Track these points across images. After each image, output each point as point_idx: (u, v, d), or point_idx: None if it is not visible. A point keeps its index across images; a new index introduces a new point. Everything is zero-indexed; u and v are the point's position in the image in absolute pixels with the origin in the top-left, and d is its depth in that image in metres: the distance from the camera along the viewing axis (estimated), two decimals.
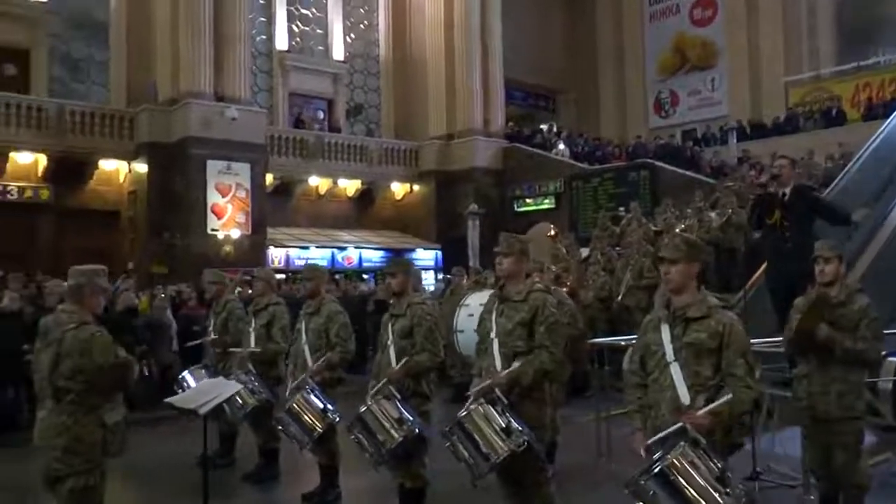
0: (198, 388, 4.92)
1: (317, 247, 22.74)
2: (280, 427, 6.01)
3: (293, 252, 22.21)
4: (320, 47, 25.97)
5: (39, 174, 19.42)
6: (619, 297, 11.20)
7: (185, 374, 7.38)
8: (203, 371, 7.36)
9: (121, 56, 21.60)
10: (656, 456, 3.41)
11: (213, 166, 19.74)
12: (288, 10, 25.03)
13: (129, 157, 20.18)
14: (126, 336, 10.49)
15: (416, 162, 25.33)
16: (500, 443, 4.21)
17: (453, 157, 24.88)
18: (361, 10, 26.76)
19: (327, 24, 25.97)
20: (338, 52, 26.15)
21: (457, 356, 9.22)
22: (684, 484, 3.23)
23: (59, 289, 9.19)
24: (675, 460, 3.28)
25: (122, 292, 11.60)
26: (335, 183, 24.22)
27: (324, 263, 22.53)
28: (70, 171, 19.57)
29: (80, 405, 4.23)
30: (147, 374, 10.39)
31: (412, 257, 23.68)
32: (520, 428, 4.22)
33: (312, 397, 5.90)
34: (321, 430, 5.77)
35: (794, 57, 27.21)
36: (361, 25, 26.77)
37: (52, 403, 4.27)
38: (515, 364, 4.41)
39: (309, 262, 22.19)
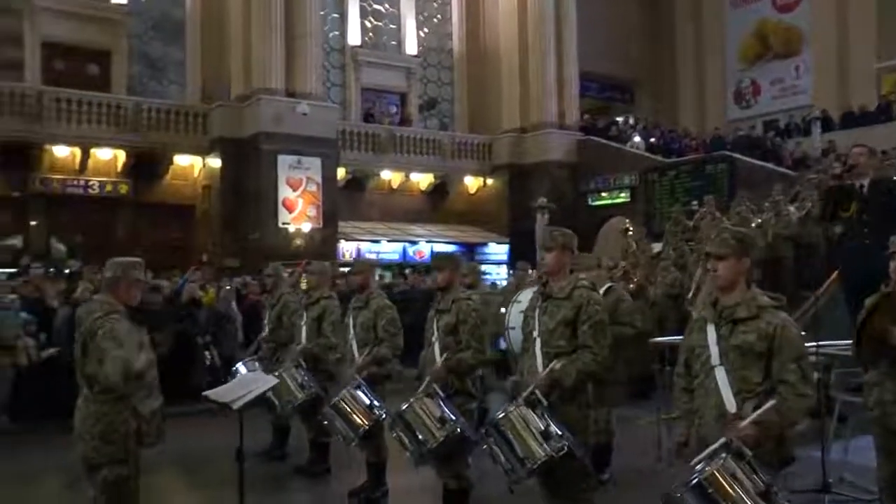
0: (235, 382, 4.85)
1: (388, 240, 22.78)
2: (326, 422, 5.91)
3: (364, 245, 22.30)
4: (393, 42, 25.98)
5: (119, 169, 20.03)
6: (690, 295, 10.75)
7: (239, 365, 7.40)
8: (257, 363, 7.36)
9: (196, 54, 22.10)
10: (697, 467, 3.15)
11: (284, 161, 20.00)
12: (360, 6, 25.12)
13: (204, 152, 20.64)
14: (189, 327, 10.71)
15: (490, 155, 25.15)
16: (538, 447, 3.99)
17: (527, 151, 24.57)
18: (434, 3, 26.65)
19: (400, 19, 25.97)
20: (410, 47, 26.10)
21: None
22: (723, 499, 2.96)
23: (94, 279, 9.41)
24: (714, 472, 3.02)
25: (189, 284, 11.76)
26: (407, 177, 24.25)
27: (395, 257, 22.65)
28: (147, 166, 20.14)
29: (111, 394, 4.20)
30: (210, 364, 10.48)
31: (484, 251, 23.55)
32: (559, 432, 4.00)
33: (359, 393, 5.77)
34: (367, 427, 5.63)
35: (887, 42, 25.77)
36: (434, 19, 26.67)
37: (87, 392, 4.27)
38: (557, 364, 4.19)
39: (380, 255, 22.36)
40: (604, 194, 23.68)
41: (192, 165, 21.12)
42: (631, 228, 13.67)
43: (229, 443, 8.16)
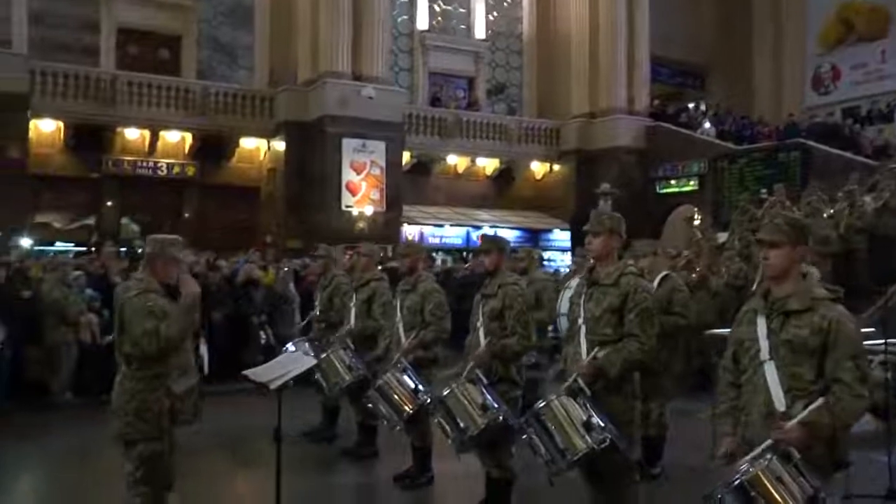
0: (275, 362, 4.80)
1: (451, 225, 22.72)
2: (370, 405, 5.84)
3: (427, 230, 22.28)
4: (462, 26, 25.79)
5: (186, 151, 20.40)
6: (755, 286, 10.35)
7: (290, 345, 7.38)
8: (307, 344, 7.34)
9: (264, 39, 22.28)
10: (741, 468, 2.95)
11: (348, 144, 20.07)
12: None
13: (269, 135, 20.86)
14: (245, 307, 10.81)
15: (557, 141, 24.81)
16: (579, 439, 3.84)
17: (595, 136, 24.17)
18: None
19: (469, 3, 25.74)
20: (479, 31, 25.87)
21: None
22: (766, 502, 2.77)
23: (118, 262, 9.54)
24: (759, 474, 2.82)
25: (246, 265, 11.89)
26: (473, 162, 24.11)
27: (458, 242, 22.59)
28: (214, 148, 20.46)
29: (146, 372, 4.20)
30: (265, 343, 10.56)
31: (548, 238, 23.28)
32: (602, 424, 3.84)
33: (404, 377, 5.69)
34: (411, 411, 5.55)
35: None
36: (504, 3, 26.33)
37: (125, 369, 4.28)
38: (600, 353, 4.02)
39: (443, 239, 22.32)
40: (672, 182, 23.13)
41: (258, 148, 21.38)
42: (697, 217, 13.26)
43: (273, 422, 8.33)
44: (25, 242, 14.63)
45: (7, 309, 8.93)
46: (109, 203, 19.79)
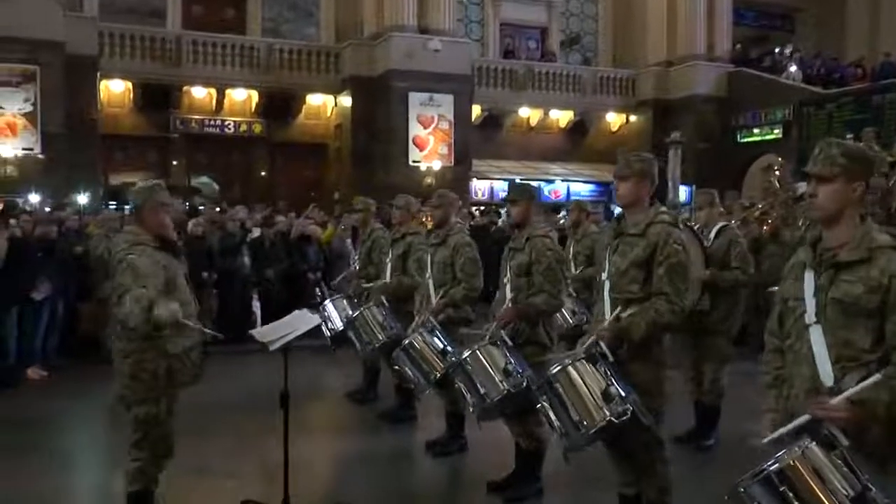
0: (281, 322, 4.49)
1: (522, 179, 22.05)
2: (396, 367, 5.49)
3: (498, 184, 21.73)
4: None
5: (253, 109, 20.33)
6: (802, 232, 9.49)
7: (327, 303, 7.10)
8: (344, 301, 7.04)
9: None
10: (774, 453, 2.44)
11: (415, 98, 19.70)
12: None
13: (336, 91, 20.63)
14: (299, 263, 10.62)
15: (633, 91, 23.84)
16: (596, 410, 3.37)
17: (673, 85, 23.08)
18: None
19: None
20: None
21: None
22: (797, 498, 2.25)
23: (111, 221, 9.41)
24: (792, 463, 2.29)
25: (301, 220, 11.69)
26: (546, 114, 23.38)
27: None
28: (280, 106, 20.35)
29: (139, 332, 3.92)
30: (320, 300, 10.36)
31: None
32: (622, 393, 3.36)
33: (433, 337, 5.30)
34: (439, 374, 5.15)
35: None
36: None
37: (119, 328, 4.02)
38: (624, 313, 3.54)
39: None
40: (754, 130, 21.86)
41: (325, 104, 21.19)
42: (778, 167, 12.35)
43: (314, 381, 8.17)
44: (82, 199, 14.79)
45: (61, 265, 8.94)
46: (177, 162, 19.95)
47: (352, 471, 5.65)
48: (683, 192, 16.56)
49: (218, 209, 13.05)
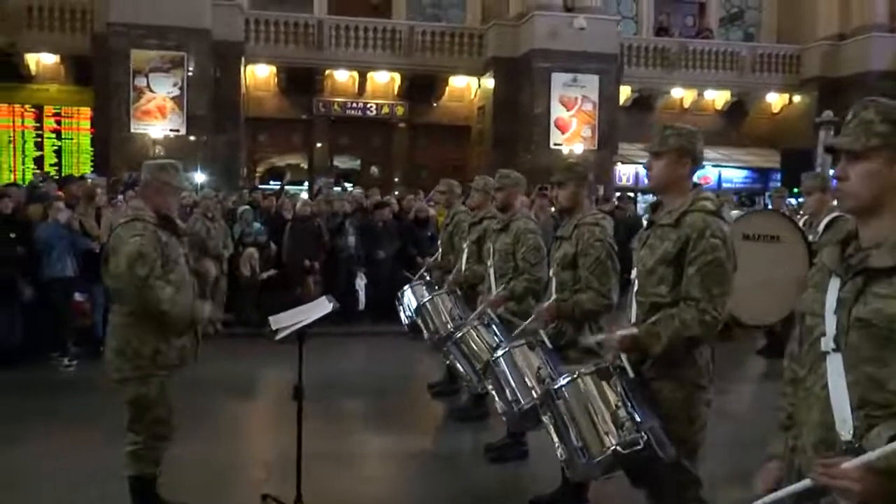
0: (298, 309, 4.17)
1: None
2: (447, 361, 5.05)
3: (644, 169, 20.65)
4: None
5: (395, 92, 20.35)
6: (821, 226, 8.03)
7: (406, 288, 6.76)
8: (424, 288, 6.67)
9: None
10: None
11: (558, 79, 19.07)
12: None
13: (479, 73, 20.29)
14: (409, 245, 10.39)
15: (798, 68, 21.98)
16: (604, 435, 2.80)
17: (843, 61, 21.00)
18: None
19: None
20: None
21: None
22: None
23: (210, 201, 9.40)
24: None
25: (418, 202, 11.46)
26: (701, 95, 22.09)
27: None
28: (423, 88, 20.28)
29: (128, 307, 3.78)
30: (429, 281, 10.12)
31: (777, 179, 20.72)
32: (637, 417, 2.76)
33: (488, 332, 4.83)
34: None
35: None
36: None
37: (115, 305, 3.87)
38: (648, 321, 2.93)
39: None
40: None
41: (468, 86, 20.94)
42: None
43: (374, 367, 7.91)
44: (199, 178, 15.31)
45: None
46: (320, 144, 20.31)
47: (390, 472, 5.31)
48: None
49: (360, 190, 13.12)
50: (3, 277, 7.59)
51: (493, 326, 4.83)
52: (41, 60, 18.40)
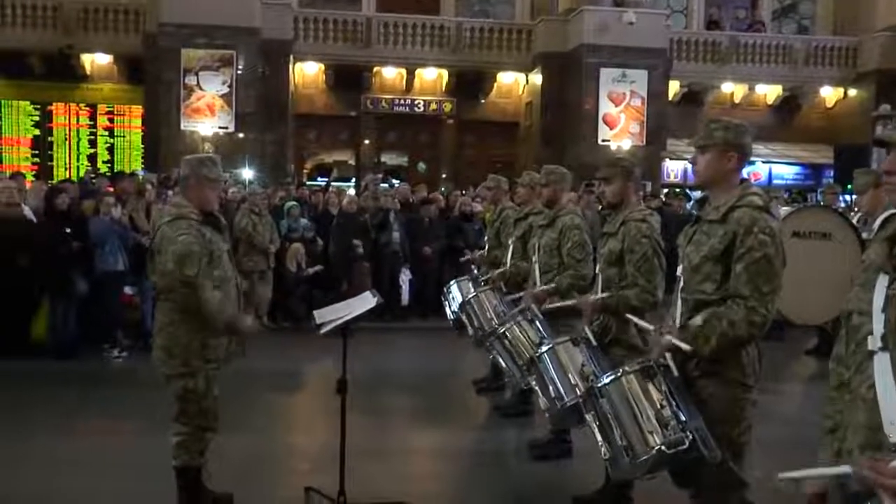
0: (343, 304, 4.19)
1: None
2: (490, 356, 5.03)
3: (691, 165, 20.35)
4: None
5: (443, 88, 20.40)
6: (876, 223, 7.68)
7: (452, 283, 6.74)
8: (470, 284, 6.65)
9: None
10: None
11: (606, 74, 18.93)
12: None
13: (527, 69, 20.24)
14: (456, 240, 10.41)
15: (854, 61, 21.36)
16: (648, 434, 2.75)
17: None
18: None
19: None
20: None
21: None
22: None
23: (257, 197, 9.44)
24: None
25: (462, 197, 11.47)
26: (752, 89, 21.68)
27: None
28: (471, 84, 20.28)
29: (175, 304, 3.82)
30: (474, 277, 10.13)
31: (830, 175, 20.25)
32: (682, 417, 2.72)
33: (532, 328, 4.80)
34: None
35: None
36: None
37: (161, 301, 3.93)
38: (696, 319, 2.87)
39: None
40: None
41: (517, 82, 20.91)
42: None
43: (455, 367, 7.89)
44: (247, 174, 15.50)
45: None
46: (367, 141, 20.43)
47: (433, 467, 5.32)
48: None
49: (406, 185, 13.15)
50: (60, 272, 7.79)
51: (537, 322, 4.80)
52: (95, 60, 18.86)
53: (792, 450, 3.70)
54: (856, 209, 5.25)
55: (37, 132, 19.38)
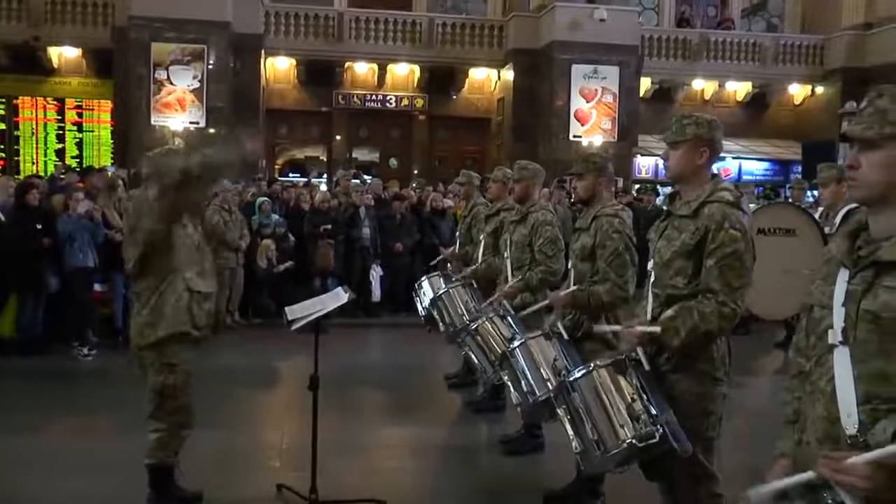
0: (314, 300, 4.17)
1: None
2: (462, 351, 5.04)
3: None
4: None
5: (415, 84, 20.36)
6: (837, 218, 7.85)
7: (423, 279, 6.73)
8: (441, 280, 6.65)
9: None
10: None
11: (578, 71, 18.98)
12: None
13: (499, 65, 20.25)
14: (430, 236, 10.41)
15: (821, 59, 21.66)
16: (619, 427, 2.78)
17: (870, 51, 20.62)
18: None
19: None
20: None
21: None
22: None
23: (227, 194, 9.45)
24: None
25: (434, 193, 11.47)
26: (722, 86, 21.92)
27: None
28: (443, 80, 20.25)
29: (153, 275, 3.84)
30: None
31: (797, 171, 20.55)
32: (653, 411, 2.75)
33: (503, 323, 4.83)
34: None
35: None
36: None
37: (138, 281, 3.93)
38: (667, 312, 2.90)
39: None
40: None
41: (489, 78, 20.93)
42: None
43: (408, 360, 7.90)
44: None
45: None
46: (339, 137, 20.35)
47: (405, 463, 5.28)
48: None
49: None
50: (30, 268, 7.68)
51: (509, 318, 4.83)
52: (63, 54, 18.58)
53: (761, 442, 3.75)
54: (818, 204, 5.33)
55: (2, 126, 19.07)
